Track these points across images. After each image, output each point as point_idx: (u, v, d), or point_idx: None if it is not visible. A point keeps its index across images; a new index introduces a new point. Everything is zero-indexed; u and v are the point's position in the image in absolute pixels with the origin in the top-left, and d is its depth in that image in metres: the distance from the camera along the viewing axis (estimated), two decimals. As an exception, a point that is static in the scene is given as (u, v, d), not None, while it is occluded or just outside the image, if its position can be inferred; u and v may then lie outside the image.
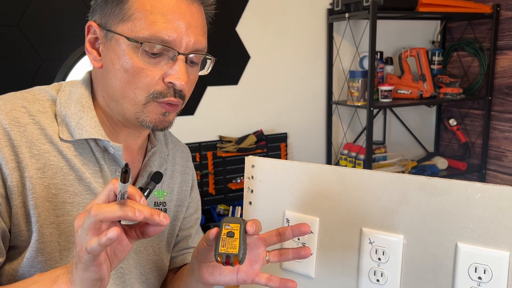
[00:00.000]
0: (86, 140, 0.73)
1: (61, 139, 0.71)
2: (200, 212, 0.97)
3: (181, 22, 0.68)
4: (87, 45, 0.73)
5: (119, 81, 0.69)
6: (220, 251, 0.62)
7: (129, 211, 0.53)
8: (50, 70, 1.71)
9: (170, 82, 0.69)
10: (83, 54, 1.44)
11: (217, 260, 0.62)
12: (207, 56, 0.75)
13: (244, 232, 0.64)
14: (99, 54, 0.72)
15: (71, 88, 0.76)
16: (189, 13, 0.69)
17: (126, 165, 0.52)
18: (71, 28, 1.73)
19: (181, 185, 0.90)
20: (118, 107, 0.72)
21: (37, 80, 1.69)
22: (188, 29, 0.69)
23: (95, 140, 0.73)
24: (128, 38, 0.67)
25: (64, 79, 1.34)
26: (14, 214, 0.67)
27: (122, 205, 0.53)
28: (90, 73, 0.79)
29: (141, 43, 0.66)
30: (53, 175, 0.70)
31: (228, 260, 0.61)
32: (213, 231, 0.65)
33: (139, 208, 0.54)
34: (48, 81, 0.80)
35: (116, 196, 0.54)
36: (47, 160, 0.69)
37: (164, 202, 0.85)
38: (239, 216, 0.65)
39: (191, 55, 0.71)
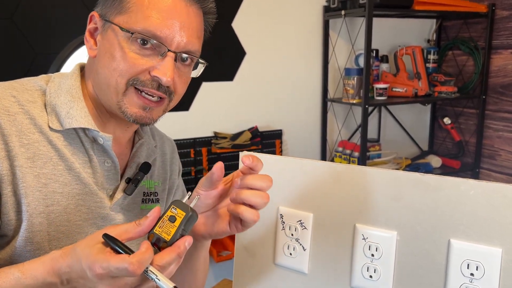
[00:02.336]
0: (75, 130, 0.73)
1: (51, 129, 0.71)
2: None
3: (175, 20, 0.69)
4: (86, 34, 0.75)
5: (106, 68, 0.70)
6: (154, 231, 0.59)
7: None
8: (43, 63, 1.69)
9: (156, 76, 0.70)
10: (77, 47, 1.44)
11: (147, 238, 0.59)
12: (199, 60, 0.76)
13: (186, 223, 0.60)
14: (96, 44, 0.74)
15: (61, 79, 0.76)
16: (185, 13, 0.70)
17: None
18: (64, 21, 1.71)
19: (171, 174, 0.92)
20: (104, 97, 0.73)
21: (31, 73, 1.67)
22: (181, 28, 0.70)
23: (84, 130, 0.74)
24: (121, 28, 0.69)
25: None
26: (3, 203, 0.67)
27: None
28: (80, 65, 0.80)
29: (132, 33, 0.68)
30: (42, 164, 0.70)
31: (157, 243, 0.58)
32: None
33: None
34: (41, 74, 0.80)
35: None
36: (36, 150, 0.69)
37: (155, 192, 0.85)
38: (192, 205, 0.62)
39: (181, 55, 0.72)
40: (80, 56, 1.35)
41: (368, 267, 0.75)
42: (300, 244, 0.81)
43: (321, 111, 2.32)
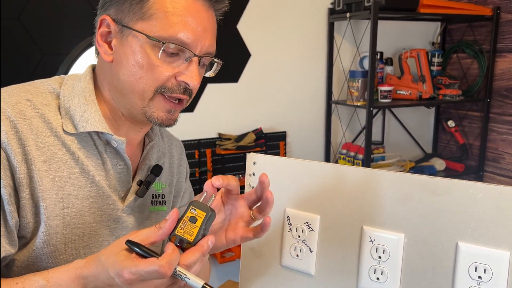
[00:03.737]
0: (89, 133, 0.74)
1: (65, 132, 0.72)
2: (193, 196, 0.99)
3: (199, 26, 0.71)
4: (98, 38, 0.73)
5: (132, 76, 0.71)
6: (176, 233, 0.60)
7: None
8: (50, 64, 1.70)
9: (184, 82, 0.72)
10: (85, 48, 1.45)
11: (169, 239, 0.60)
12: (214, 60, 0.78)
13: (207, 222, 0.62)
14: (110, 48, 0.73)
15: (74, 82, 0.77)
16: (206, 18, 0.72)
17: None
18: (72, 22, 1.72)
19: (178, 177, 0.92)
20: (125, 102, 0.74)
21: (37, 74, 1.68)
22: (204, 32, 0.72)
23: (98, 133, 0.74)
24: (149, 37, 0.69)
25: (66, 73, 1.35)
26: (21, 206, 0.68)
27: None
28: (92, 67, 0.80)
29: (163, 43, 0.68)
30: (58, 168, 0.70)
31: (180, 245, 0.60)
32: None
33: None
34: (48, 75, 0.80)
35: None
36: (52, 153, 0.70)
37: (162, 194, 0.86)
38: (209, 204, 0.64)
39: (203, 58, 0.74)
40: (89, 57, 1.36)
41: (375, 269, 0.75)
42: (307, 246, 0.81)
43: (326, 113, 2.33)
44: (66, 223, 0.71)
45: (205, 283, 0.56)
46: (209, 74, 0.80)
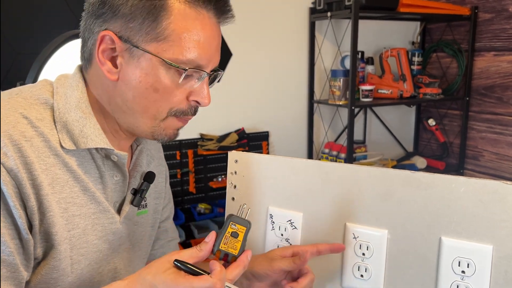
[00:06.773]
0: (88, 148, 0.70)
1: (63, 148, 0.68)
2: (172, 201, 0.98)
3: (213, 45, 0.69)
4: (99, 55, 0.68)
5: (145, 99, 0.68)
6: (220, 248, 0.64)
7: None
8: (24, 64, 1.65)
9: (196, 101, 0.71)
10: (57, 47, 1.40)
11: (214, 254, 0.65)
12: (220, 72, 0.76)
13: (247, 236, 0.67)
14: (115, 66, 0.68)
15: (66, 91, 0.71)
16: (217, 35, 0.70)
17: None
18: (45, 19, 1.68)
19: (158, 178, 0.88)
20: (131, 120, 0.71)
21: (11, 75, 1.63)
22: (216, 51, 0.71)
23: (96, 148, 0.71)
24: (166, 62, 0.66)
25: (38, 73, 1.30)
26: (33, 234, 0.65)
27: None
28: (80, 68, 0.74)
29: (185, 69, 0.66)
30: (61, 189, 0.67)
31: (226, 258, 0.64)
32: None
33: None
34: (22, 75, 0.75)
35: None
36: (54, 174, 0.66)
37: (144, 197, 0.83)
38: (246, 217, 0.68)
39: (213, 74, 0.73)
40: (61, 56, 1.32)
41: (359, 267, 0.74)
42: (290, 244, 0.80)
43: (308, 113, 2.33)
44: (72, 245, 0.68)
45: None
46: (212, 85, 0.78)
